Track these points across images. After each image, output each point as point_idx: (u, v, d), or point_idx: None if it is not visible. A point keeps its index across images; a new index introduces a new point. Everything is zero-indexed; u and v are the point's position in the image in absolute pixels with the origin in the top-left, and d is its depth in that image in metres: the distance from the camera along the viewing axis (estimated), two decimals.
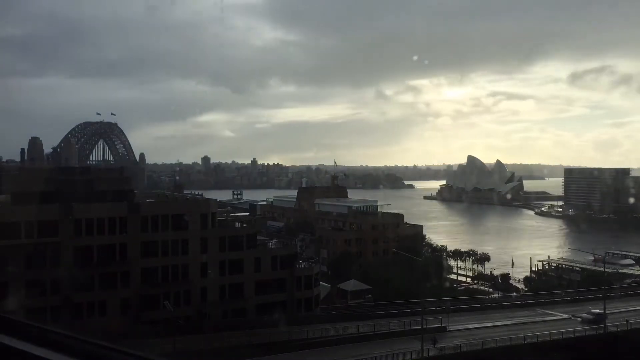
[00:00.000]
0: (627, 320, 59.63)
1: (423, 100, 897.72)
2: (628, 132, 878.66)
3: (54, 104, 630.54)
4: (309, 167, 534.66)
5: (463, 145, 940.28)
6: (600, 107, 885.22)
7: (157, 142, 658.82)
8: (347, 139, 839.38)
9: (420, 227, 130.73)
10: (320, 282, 72.92)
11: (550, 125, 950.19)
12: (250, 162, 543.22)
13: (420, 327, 50.15)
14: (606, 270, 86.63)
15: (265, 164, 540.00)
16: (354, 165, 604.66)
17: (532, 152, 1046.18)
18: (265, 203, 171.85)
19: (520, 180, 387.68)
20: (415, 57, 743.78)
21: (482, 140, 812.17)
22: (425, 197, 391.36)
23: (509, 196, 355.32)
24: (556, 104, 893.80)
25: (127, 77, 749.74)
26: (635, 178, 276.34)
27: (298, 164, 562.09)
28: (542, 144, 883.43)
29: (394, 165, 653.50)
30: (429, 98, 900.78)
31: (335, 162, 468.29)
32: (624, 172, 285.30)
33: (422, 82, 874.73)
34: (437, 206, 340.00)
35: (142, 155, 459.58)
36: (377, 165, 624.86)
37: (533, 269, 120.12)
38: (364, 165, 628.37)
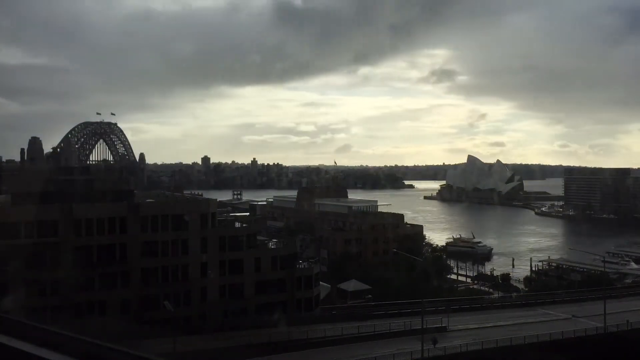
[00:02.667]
0: (627, 321, 59.62)
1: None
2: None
3: None
4: (308, 167, 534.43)
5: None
6: None
7: None
8: None
9: (420, 227, 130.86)
10: (320, 282, 72.88)
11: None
12: (250, 162, 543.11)
13: (420, 327, 50.18)
14: (606, 270, 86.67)
15: (265, 164, 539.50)
16: (354, 165, 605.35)
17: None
18: (265, 203, 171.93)
19: (520, 180, 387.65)
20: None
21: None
22: (426, 197, 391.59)
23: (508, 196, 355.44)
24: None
25: None
26: (635, 178, 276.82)
27: None
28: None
29: (394, 165, 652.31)
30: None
31: (335, 162, 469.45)
32: (624, 172, 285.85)
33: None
34: (437, 206, 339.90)
35: (142, 155, 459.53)
36: (377, 165, 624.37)
37: (533, 268, 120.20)
38: (364, 165, 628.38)
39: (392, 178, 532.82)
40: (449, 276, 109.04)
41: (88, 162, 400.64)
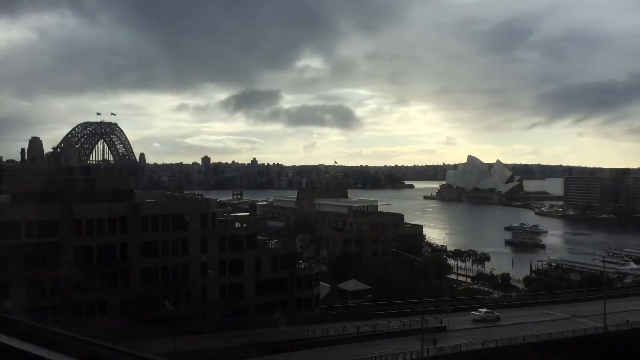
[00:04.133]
0: (627, 320, 59.62)
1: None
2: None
3: None
4: (308, 167, 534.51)
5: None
6: None
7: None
8: None
9: (421, 227, 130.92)
10: (320, 282, 72.91)
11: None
12: (250, 162, 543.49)
13: (420, 326, 50.19)
14: (606, 270, 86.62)
15: (266, 164, 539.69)
16: (354, 165, 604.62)
17: None
18: (265, 203, 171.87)
19: (520, 180, 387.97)
20: None
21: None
22: (426, 197, 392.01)
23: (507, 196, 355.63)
24: None
25: None
26: (635, 178, 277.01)
27: None
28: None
29: (394, 165, 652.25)
30: None
31: (335, 162, 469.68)
32: (623, 172, 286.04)
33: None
34: (435, 206, 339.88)
35: (142, 155, 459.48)
36: (377, 165, 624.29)
37: (533, 268, 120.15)
38: (364, 165, 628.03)
39: (392, 178, 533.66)
40: (449, 276, 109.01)
41: (88, 162, 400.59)
